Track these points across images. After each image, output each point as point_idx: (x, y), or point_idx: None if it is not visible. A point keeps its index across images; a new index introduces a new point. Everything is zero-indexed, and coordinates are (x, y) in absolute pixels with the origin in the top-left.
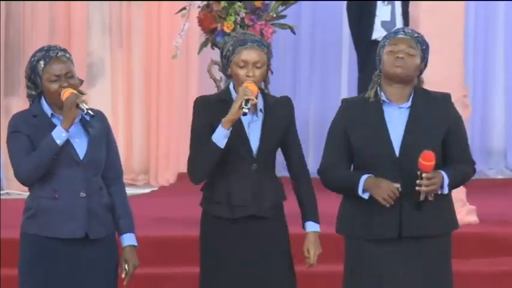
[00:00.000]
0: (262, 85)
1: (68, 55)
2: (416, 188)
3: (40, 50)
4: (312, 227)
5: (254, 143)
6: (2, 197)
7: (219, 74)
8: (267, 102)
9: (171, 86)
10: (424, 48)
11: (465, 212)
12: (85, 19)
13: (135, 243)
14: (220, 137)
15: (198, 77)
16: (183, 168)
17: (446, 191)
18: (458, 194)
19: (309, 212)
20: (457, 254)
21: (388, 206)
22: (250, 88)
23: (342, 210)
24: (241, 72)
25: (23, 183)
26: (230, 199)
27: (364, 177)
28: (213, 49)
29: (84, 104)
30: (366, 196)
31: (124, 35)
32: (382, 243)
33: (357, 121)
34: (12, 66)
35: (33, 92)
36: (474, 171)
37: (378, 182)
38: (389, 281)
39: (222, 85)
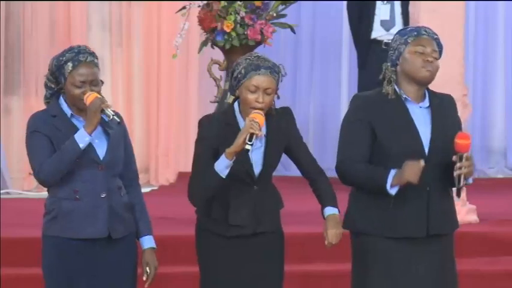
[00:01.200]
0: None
1: (96, 60)
2: (457, 172)
3: (70, 50)
4: (330, 210)
5: (257, 167)
6: (2, 196)
7: (219, 73)
8: (270, 126)
9: (171, 86)
10: (440, 49)
11: (465, 211)
12: (85, 19)
13: (154, 246)
14: (223, 167)
15: (198, 77)
16: (183, 167)
17: (471, 181)
18: None
19: (328, 200)
20: (457, 253)
21: (416, 183)
22: (258, 120)
23: (355, 206)
24: (251, 97)
25: (44, 184)
26: (227, 219)
27: (393, 172)
28: (213, 48)
29: (109, 110)
30: (393, 192)
31: (124, 35)
32: (401, 241)
33: (381, 117)
34: (12, 66)
35: (52, 85)
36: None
37: (402, 169)
38: (407, 278)
39: (222, 84)
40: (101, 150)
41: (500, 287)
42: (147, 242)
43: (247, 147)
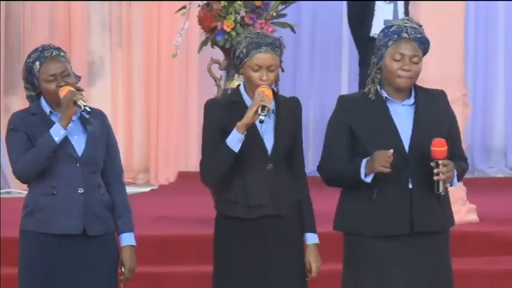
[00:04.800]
0: (273, 85)
1: (62, 54)
2: (435, 177)
3: (35, 50)
4: (312, 239)
5: (268, 143)
6: (2, 195)
7: (219, 73)
8: (278, 102)
9: (171, 85)
10: (426, 46)
11: (465, 210)
12: (85, 19)
13: (134, 243)
14: (235, 141)
15: (198, 76)
16: (183, 167)
17: (456, 182)
18: (459, 193)
19: (308, 223)
20: (457, 253)
21: (388, 171)
22: (267, 94)
23: (343, 207)
24: (255, 75)
25: (20, 179)
26: (247, 199)
27: (364, 161)
28: (213, 48)
29: (81, 101)
30: (368, 179)
31: (124, 35)
32: (389, 239)
33: (362, 118)
34: (12, 66)
35: (32, 93)
36: (468, 167)
37: (372, 158)
38: (396, 277)
39: (222, 84)
40: (80, 146)
41: (500, 287)
42: (126, 239)
43: (261, 117)
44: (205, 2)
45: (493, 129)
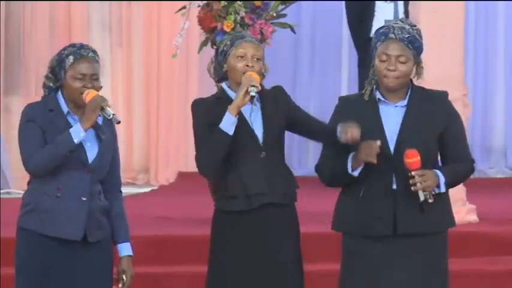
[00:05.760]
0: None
1: (97, 58)
2: (412, 188)
3: (72, 45)
4: None
5: (258, 130)
6: (2, 195)
7: None
8: (262, 92)
9: (171, 85)
10: (417, 46)
11: (465, 211)
12: (85, 19)
13: (131, 253)
14: (228, 124)
15: (198, 76)
16: (183, 167)
17: (443, 189)
18: (459, 193)
19: None
20: (457, 253)
21: (373, 161)
22: (254, 76)
23: (338, 208)
24: (240, 64)
25: (33, 174)
26: (245, 190)
27: (351, 154)
28: (213, 48)
29: (109, 109)
30: (356, 173)
31: (124, 35)
32: (379, 240)
33: (353, 119)
34: (12, 66)
35: (51, 84)
36: (473, 169)
37: (358, 150)
38: (386, 278)
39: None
40: (91, 153)
41: (500, 287)
42: (125, 249)
43: (252, 93)
44: (205, 2)
45: (493, 129)
